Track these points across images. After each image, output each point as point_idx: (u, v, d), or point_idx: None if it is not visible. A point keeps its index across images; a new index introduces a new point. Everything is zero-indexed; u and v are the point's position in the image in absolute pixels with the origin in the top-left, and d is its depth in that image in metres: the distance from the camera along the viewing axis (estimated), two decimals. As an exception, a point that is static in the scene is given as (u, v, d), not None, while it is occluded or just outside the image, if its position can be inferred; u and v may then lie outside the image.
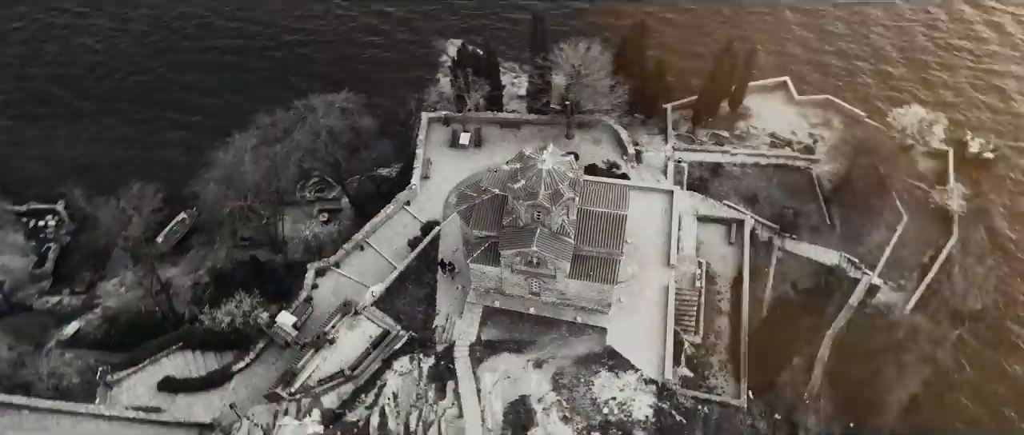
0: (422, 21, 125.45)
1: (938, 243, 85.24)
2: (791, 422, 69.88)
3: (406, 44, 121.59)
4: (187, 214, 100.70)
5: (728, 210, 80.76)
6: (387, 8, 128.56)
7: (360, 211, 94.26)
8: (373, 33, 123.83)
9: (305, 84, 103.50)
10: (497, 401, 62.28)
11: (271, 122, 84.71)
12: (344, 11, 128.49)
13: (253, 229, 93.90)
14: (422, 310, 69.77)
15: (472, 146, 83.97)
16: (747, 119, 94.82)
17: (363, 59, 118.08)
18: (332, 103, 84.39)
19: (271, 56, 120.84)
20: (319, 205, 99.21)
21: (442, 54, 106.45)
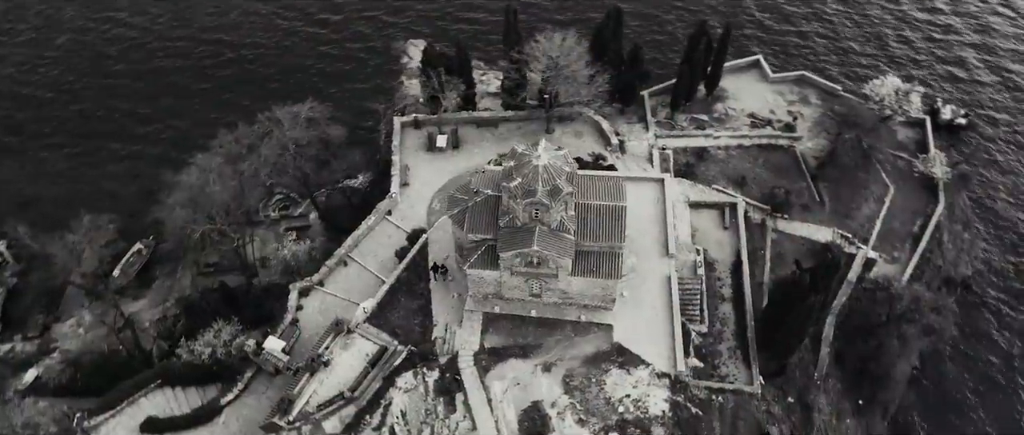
0: (368, 27, 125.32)
1: (926, 211, 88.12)
2: (804, 404, 71.32)
3: (358, 51, 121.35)
4: (143, 244, 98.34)
5: (719, 194, 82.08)
6: (331, 16, 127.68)
7: (332, 226, 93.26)
8: (323, 43, 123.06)
9: (254, 103, 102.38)
10: (510, 409, 62.11)
11: (234, 138, 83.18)
12: (287, 23, 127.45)
13: (219, 254, 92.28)
14: (419, 322, 69.20)
15: (450, 148, 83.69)
16: (724, 101, 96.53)
17: (316, 70, 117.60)
18: (297, 114, 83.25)
19: (216, 74, 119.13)
20: (285, 223, 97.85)
21: (403, 56, 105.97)
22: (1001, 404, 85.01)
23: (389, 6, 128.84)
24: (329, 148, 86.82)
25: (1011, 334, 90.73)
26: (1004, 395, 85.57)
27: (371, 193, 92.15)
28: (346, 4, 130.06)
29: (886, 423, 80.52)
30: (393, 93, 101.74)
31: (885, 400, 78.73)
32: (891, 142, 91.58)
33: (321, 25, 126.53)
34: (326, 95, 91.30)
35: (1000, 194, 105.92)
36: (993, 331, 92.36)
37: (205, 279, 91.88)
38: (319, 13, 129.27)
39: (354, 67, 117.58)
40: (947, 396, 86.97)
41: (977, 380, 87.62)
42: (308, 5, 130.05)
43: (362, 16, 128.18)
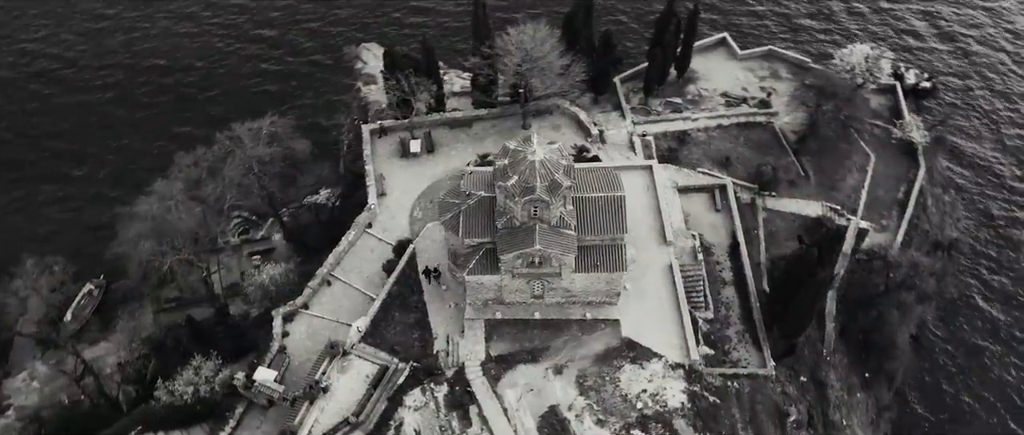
0: (309, 38, 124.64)
1: (909, 177, 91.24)
2: (817, 381, 73.16)
3: (302, 64, 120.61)
4: (94, 285, 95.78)
5: (706, 177, 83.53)
6: (266, 32, 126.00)
7: (299, 246, 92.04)
8: (263, 59, 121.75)
9: (198, 128, 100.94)
10: (527, 417, 62.16)
11: (193, 162, 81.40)
12: (221, 42, 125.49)
13: (181, 287, 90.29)
14: (417, 336, 68.71)
15: (425, 153, 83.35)
16: (696, 82, 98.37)
17: (261, 88, 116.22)
18: (258, 130, 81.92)
19: (153, 102, 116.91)
20: (247, 248, 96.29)
21: (356, 62, 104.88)
22: (998, 365, 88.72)
23: (326, 16, 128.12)
24: (294, 163, 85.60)
25: (997, 294, 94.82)
26: (999, 355, 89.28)
27: (342, 207, 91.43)
28: (279, 19, 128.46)
29: (892, 393, 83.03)
30: (351, 102, 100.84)
31: (891, 370, 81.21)
32: (866, 111, 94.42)
33: (258, 42, 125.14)
34: (278, 112, 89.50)
35: (971, 154, 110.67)
36: (980, 293, 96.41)
37: (168, 315, 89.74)
38: (253, 29, 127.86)
39: (302, 80, 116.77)
40: (948, 360, 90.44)
41: (973, 342, 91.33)
42: (241, 22, 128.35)
43: (300, 27, 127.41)
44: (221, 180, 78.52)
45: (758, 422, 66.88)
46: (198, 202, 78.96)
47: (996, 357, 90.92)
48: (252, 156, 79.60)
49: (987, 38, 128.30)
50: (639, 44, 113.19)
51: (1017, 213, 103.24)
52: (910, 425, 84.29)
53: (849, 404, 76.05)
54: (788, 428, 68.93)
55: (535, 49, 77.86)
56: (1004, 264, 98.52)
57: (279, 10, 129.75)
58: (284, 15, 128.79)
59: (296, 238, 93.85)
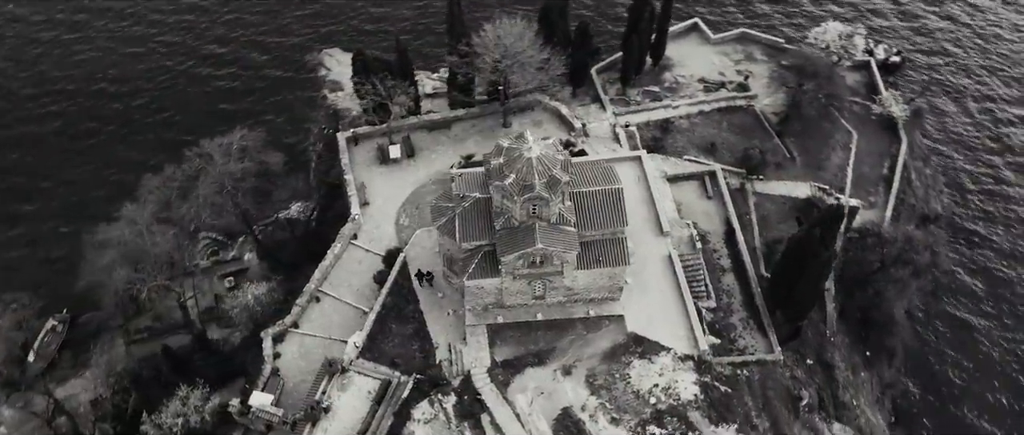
0: (262, 52, 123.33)
1: (891, 152, 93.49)
2: (824, 363, 74.56)
3: (257, 78, 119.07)
4: (57, 320, 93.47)
5: (694, 165, 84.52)
6: (217, 49, 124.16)
7: (275, 263, 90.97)
8: (217, 78, 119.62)
9: (152, 154, 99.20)
10: (540, 421, 62.21)
11: (162, 182, 79.88)
12: (170, 61, 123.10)
13: (153, 315, 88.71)
14: (417, 347, 68.38)
15: (405, 158, 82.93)
16: (671, 70, 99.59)
17: (218, 108, 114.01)
18: (229, 145, 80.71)
19: (101, 129, 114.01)
20: (219, 270, 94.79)
21: (319, 70, 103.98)
22: (986, 339, 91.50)
23: (276, 27, 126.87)
24: (268, 178, 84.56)
25: (979, 267, 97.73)
26: (986, 330, 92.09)
27: (319, 220, 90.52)
28: (227, 34, 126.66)
29: (893, 369, 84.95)
30: (318, 111, 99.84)
31: (891, 346, 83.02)
32: (845, 88, 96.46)
33: (209, 59, 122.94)
34: (247, 125, 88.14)
35: (944, 127, 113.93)
36: (962, 266, 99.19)
37: (140, 346, 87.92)
38: (202, 46, 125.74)
39: (261, 95, 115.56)
40: (946, 333, 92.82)
41: (959, 316, 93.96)
42: (188, 40, 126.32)
43: (251, 41, 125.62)
44: (194, 200, 76.95)
45: (772, 408, 67.88)
46: (171, 225, 77.28)
47: (983, 331, 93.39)
48: (224, 173, 78.18)
49: (951, 14, 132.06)
50: (605, 37, 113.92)
51: (992, 185, 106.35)
52: (912, 400, 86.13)
53: (855, 384, 77.52)
54: (801, 412, 70.03)
55: (514, 44, 78.05)
56: (984, 235, 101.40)
57: (226, 25, 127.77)
58: (232, 29, 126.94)
59: (271, 256, 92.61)
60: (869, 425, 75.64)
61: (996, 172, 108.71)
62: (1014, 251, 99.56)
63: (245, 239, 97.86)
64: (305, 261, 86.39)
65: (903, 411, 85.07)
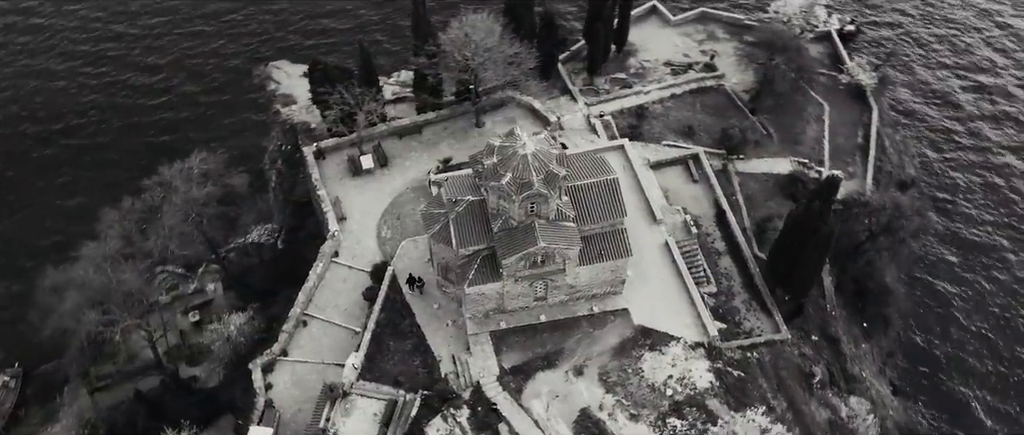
0: (197, 71, 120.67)
1: (863, 121, 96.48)
2: (829, 337, 76.45)
3: (202, 95, 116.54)
4: (9, 375, 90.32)
5: (676, 150, 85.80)
6: (149, 80, 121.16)
7: (242, 291, 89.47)
8: (157, 107, 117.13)
9: (93, 198, 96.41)
10: (560, 425, 62.50)
11: (120, 216, 77.83)
12: (100, 96, 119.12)
13: (116, 361, 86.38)
14: (420, 362, 67.93)
15: (378, 167, 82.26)
16: (635, 55, 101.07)
17: (162, 139, 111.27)
18: (189, 170, 79.09)
19: (26, 172, 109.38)
20: (182, 305, 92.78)
21: (268, 84, 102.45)
22: (981, 295, 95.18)
23: (213, 49, 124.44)
24: (233, 201, 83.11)
25: (951, 233, 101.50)
26: (965, 297, 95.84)
27: (289, 241, 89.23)
28: (158, 59, 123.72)
29: (890, 338, 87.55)
30: (272, 128, 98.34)
31: (887, 315, 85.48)
32: (812, 60, 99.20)
33: (145, 93, 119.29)
34: (206, 148, 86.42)
35: (904, 94, 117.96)
36: (935, 233, 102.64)
37: (106, 393, 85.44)
38: (132, 75, 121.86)
39: (207, 118, 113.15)
40: (939, 297, 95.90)
41: (937, 284, 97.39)
42: (116, 69, 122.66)
43: (186, 64, 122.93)
44: (160, 231, 75.10)
45: (786, 388, 69.30)
46: (139, 258, 75.34)
47: (962, 298, 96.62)
48: (189, 200, 76.59)
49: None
50: (563, 27, 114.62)
51: (954, 152, 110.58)
52: (911, 368, 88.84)
53: (858, 356, 79.63)
54: (815, 389, 71.70)
55: (484, 40, 78.11)
56: (955, 200, 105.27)
57: (156, 51, 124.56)
58: (163, 55, 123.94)
59: (239, 284, 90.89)
60: (879, 396, 77.79)
61: (955, 136, 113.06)
62: (981, 217, 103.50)
63: (205, 269, 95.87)
64: (277, 286, 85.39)
65: (903, 379, 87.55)
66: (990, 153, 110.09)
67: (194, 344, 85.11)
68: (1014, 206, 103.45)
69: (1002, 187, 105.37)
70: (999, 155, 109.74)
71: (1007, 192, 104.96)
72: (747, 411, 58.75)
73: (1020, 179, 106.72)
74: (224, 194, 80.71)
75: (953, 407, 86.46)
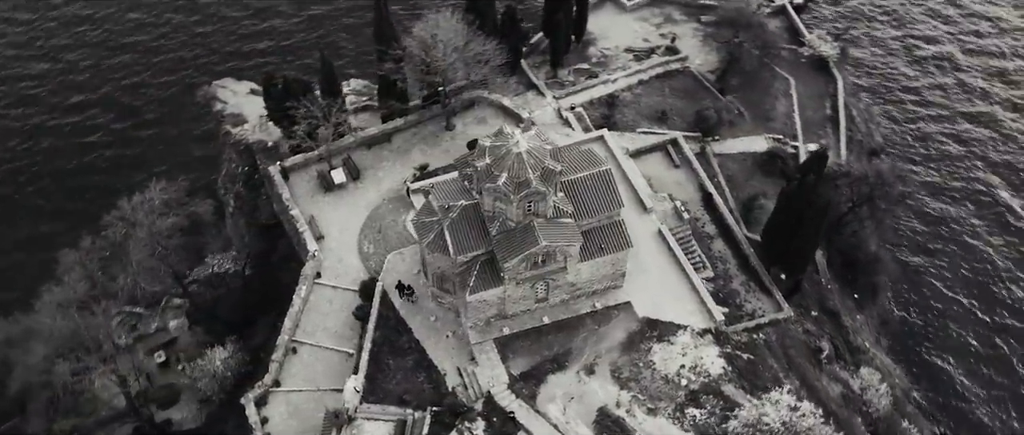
0: (135, 99, 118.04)
1: (829, 92, 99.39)
2: (829, 311, 78.59)
3: (134, 130, 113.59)
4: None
5: (653, 136, 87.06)
6: (76, 119, 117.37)
7: (210, 323, 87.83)
8: (90, 147, 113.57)
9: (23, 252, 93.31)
10: (580, 426, 62.89)
11: (81, 257, 75.66)
12: (22, 140, 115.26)
13: (80, 414, 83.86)
14: (424, 378, 67.51)
15: (351, 181, 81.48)
16: (595, 44, 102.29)
17: (99, 182, 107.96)
18: (150, 201, 77.35)
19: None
20: (144, 345, 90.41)
21: (214, 105, 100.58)
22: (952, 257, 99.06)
23: (149, 72, 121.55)
24: (197, 230, 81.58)
25: (925, 195, 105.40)
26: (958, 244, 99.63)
27: (259, 266, 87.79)
28: (90, 82, 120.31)
29: (881, 306, 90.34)
30: (225, 150, 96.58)
31: (877, 285, 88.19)
32: (773, 35, 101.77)
33: (76, 133, 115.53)
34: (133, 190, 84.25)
35: (867, 62, 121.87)
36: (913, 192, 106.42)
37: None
38: (64, 100, 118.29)
39: (152, 146, 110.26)
40: (913, 264, 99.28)
41: (935, 237, 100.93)
42: (43, 95, 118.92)
43: (120, 88, 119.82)
44: (128, 267, 73.17)
45: (797, 366, 70.98)
46: (107, 300, 73.29)
47: (936, 264, 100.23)
48: (154, 233, 74.87)
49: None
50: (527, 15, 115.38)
51: (914, 121, 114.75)
52: (904, 334, 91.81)
53: (857, 328, 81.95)
54: (823, 364, 73.56)
55: (452, 40, 78.10)
56: (920, 168, 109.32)
57: (85, 70, 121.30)
58: (95, 77, 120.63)
59: (205, 317, 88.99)
60: (884, 366, 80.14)
61: (912, 104, 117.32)
62: (946, 184, 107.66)
63: (166, 305, 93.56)
64: (251, 314, 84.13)
65: (897, 345, 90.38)
66: (947, 120, 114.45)
67: (164, 386, 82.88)
68: (975, 172, 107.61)
69: (963, 155, 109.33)
70: (956, 122, 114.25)
71: (966, 158, 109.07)
72: (772, 392, 59.65)
73: (978, 144, 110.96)
74: (189, 224, 78.95)
75: (939, 373, 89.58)
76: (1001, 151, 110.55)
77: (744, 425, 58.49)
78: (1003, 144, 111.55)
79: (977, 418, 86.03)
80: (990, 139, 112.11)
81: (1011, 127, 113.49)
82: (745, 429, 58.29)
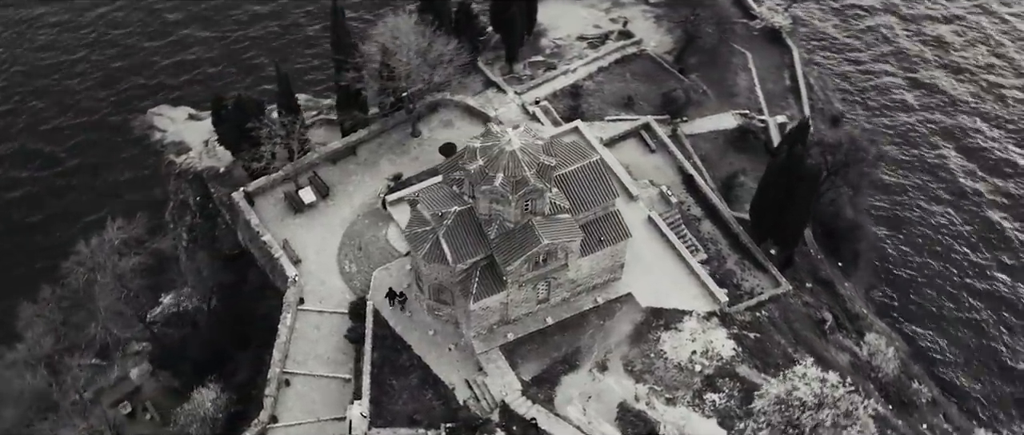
0: (59, 138, 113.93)
1: (785, 62, 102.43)
2: (822, 281, 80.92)
3: (61, 177, 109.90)
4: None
5: (625, 123, 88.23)
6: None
7: (175, 366, 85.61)
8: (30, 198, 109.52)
9: None
10: (603, 425, 63.49)
11: (41, 309, 73.17)
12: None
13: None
14: (432, 395, 67.14)
15: (320, 199, 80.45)
16: (546, 35, 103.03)
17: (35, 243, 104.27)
18: (110, 242, 75.29)
19: None
20: (107, 398, 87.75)
21: (153, 134, 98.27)
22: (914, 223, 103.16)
23: (71, 106, 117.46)
24: (161, 268, 79.64)
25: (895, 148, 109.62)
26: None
27: (227, 299, 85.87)
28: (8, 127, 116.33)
29: (864, 271, 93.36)
30: (172, 181, 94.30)
31: (859, 251, 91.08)
32: (727, 10, 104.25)
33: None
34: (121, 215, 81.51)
35: (816, 30, 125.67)
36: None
37: None
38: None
39: (89, 184, 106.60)
40: (905, 224, 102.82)
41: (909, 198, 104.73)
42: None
43: (36, 133, 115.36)
44: (97, 315, 70.98)
45: (804, 339, 72.97)
46: (77, 351, 71.01)
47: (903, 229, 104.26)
48: (119, 275, 72.88)
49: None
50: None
51: (864, 86, 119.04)
52: (889, 299, 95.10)
53: (851, 295, 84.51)
54: (828, 334, 75.73)
55: (415, 42, 77.89)
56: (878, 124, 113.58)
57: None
58: (10, 121, 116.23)
59: (171, 359, 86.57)
60: (884, 330, 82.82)
61: (862, 68, 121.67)
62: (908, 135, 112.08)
63: (124, 353, 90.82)
64: (221, 352, 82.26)
65: (884, 310, 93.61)
66: (895, 87, 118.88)
67: (191, 421, 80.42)
68: (927, 137, 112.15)
69: (914, 122, 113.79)
70: (904, 89, 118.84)
71: (917, 123, 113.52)
72: (796, 366, 60.84)
73: (925, 110, 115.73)
74: (154, 262, 77.02)
75: (923, 335, 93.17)
76: (949, 113, 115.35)
77: (772, 403, 59.38)
78: (950, 107, 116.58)
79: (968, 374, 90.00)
80: (938, 105, 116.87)
81: (956, 90, 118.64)
82: (774, 407, 59.20)
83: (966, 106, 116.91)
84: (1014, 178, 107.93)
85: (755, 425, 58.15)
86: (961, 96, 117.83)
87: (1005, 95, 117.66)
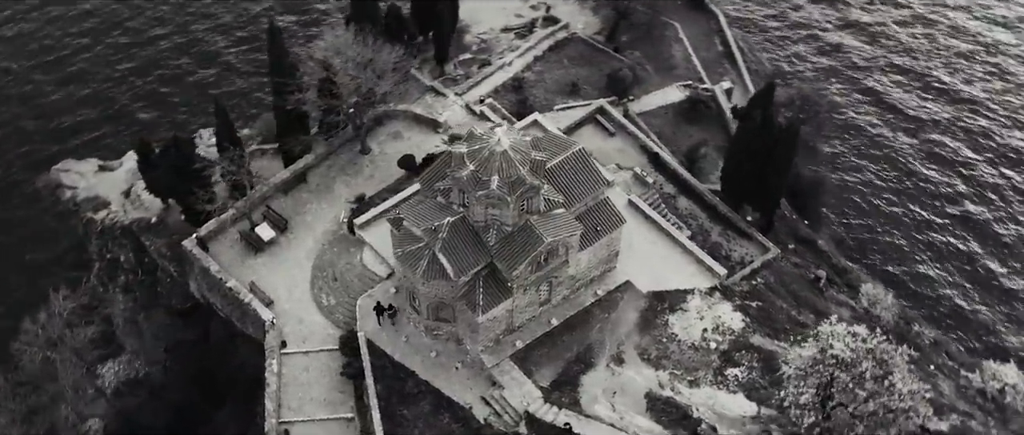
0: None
1: (713, 28, 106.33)
2: (804, 240, 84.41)
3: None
4: None
5: (579, 109, 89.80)
6: None
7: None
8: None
9: None
10: (636, 418, 64.68)
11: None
12: None
13: None
14: (448, 419, 66.85)
15: (279, 234, 78.94)
16: (469, 32, 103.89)
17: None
18: (57, 315, 72.29)
19: None
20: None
21: (61, 193, 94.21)
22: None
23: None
24: (112, 333, 76.98)
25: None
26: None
27: (185, 357, 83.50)
28: None
29: (832, 226, 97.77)
30: (95, 242, 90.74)
31: (823, 205, 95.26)
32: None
33: None
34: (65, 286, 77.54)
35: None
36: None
37: None
38: None
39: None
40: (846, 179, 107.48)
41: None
42: None
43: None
44: (65, 394, 67.96)
45: (803, 300, 76.12)
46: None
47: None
48: (77, 348, 70.04)
49: None
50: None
51: (791, 44, 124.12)
52: (857, 250, 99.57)
53: (831, 250, 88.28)
54: (824, 292, 79.07)
55: (359, 54, 77.41)
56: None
57: None
58: None
59: (128, 428, 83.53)
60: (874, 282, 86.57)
61: (785, 26, 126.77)
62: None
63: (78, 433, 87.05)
64: (189, 416, 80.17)
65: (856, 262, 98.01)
66: (814, 41, 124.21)
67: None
68: (861, 83, 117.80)
69: (854, 81, 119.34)
70: (830, 34, 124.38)
71: (850, 73, 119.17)
72: (822, 325, 62.46)
73: (858, 58, 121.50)
74: (108, 329, 74.36)
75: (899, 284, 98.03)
76: (868, 59, 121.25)
77: (802, 367, 60.37)
78: (872, 51, 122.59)
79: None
80: (856, 49, 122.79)
81: (874, 31, 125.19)
82: (802, 371, 60.27)
83: (883, 48, 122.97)
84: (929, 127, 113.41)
85: (795, 390, 59.65)
86: (872, 53, 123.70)
87: (913, 47, 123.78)
